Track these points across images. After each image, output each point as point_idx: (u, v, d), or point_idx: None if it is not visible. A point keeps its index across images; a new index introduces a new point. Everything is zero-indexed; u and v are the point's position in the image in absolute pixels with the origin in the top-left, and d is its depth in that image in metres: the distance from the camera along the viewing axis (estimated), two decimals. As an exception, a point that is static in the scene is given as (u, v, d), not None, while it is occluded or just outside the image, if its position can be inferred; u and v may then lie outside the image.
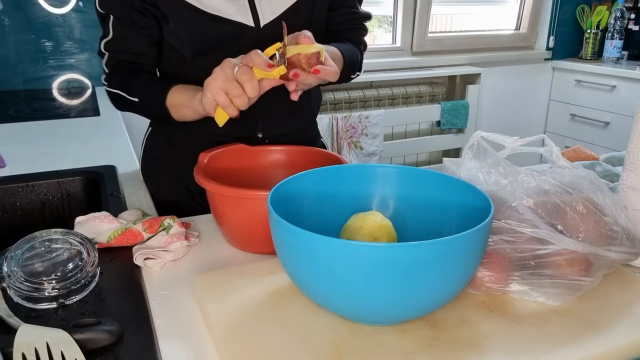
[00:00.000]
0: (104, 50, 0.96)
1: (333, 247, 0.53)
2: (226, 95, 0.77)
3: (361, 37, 1.10)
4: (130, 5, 0.91)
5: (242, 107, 0.78)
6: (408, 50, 2.89)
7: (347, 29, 1.07)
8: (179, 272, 0.74)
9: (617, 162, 1.14)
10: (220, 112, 0.79)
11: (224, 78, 0.76)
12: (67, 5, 2.03)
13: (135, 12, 0.92)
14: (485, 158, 0.72)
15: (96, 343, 0.56)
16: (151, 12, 0.92)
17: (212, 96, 0.77)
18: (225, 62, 0.78)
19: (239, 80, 0.76)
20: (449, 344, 0.57)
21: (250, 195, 0.74)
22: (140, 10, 0.92)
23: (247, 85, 0.76)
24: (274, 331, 0.58)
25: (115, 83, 0.96)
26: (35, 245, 0.68)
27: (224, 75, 0.77)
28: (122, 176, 1.13)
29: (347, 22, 1.06)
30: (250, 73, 0.76)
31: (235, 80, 0.76)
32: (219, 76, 0.77)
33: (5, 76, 2.00)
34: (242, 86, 0.76)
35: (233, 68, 0.77)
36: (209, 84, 0.78)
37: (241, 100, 0.77)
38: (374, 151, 2.68)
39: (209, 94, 0.78)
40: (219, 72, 0.77)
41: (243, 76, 0.76)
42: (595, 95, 3.00)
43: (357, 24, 1.09)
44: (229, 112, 0.79)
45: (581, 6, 3.15)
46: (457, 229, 0.59)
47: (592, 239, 0.65)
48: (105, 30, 0.95)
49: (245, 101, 0.77)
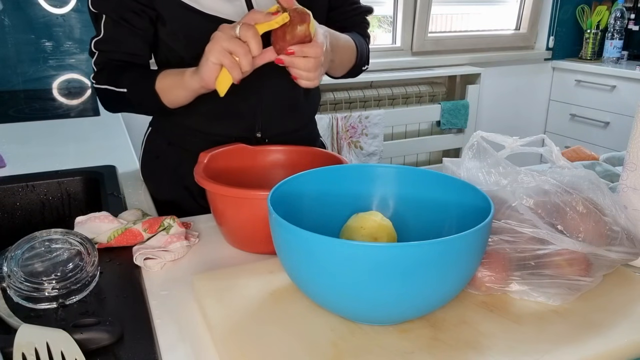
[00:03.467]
0: (94, 49, 0.95)
1: (333, 247, 0.53)
2: (231, 56, 0.75)
3: (365, 30, 1.10)
4: (125, 6, 0.90)
5: (246, 67, 0.76)
6: (408, 50, 2.89)
7: (351, 25, 1.07)
8: (179, 272, 0.74)
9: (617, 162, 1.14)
10: (222, 79, 0.77)
11: (227, 38, 0.75)
12: (67, 5, 2.03)
13: (130, 13, 0.91)
14: (485, 158, 0.72)
15: (96, 343, 0.56)
16: (147, 14, 0.92)
17: (217, 59, 0.76)
18: (222, 26, 0.77)
19: (243, 38, 0.75)
20: (449, 344, 0.57)
21: (251, 195, 0.74)
22: (136, 11, 0.91)
23: (251, 42, 0.75)
24: (273, 331, 0.58)
25: (102, 79, 0.94)
26: (35, 245, 0.68)
27: (226, 35, 0.75)
28: (122, 176, 1.13)
29: (349, 19, 1.07)
30: (254, 29, 0.75)
31: (238, 39, 0.75)
32: (220, 37, 0.76)
33: (5, 76, 2.00)
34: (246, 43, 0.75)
35: (234, 28, 0.76)
36: (210, 47, 0.76)
37: (247, 59, 0.75)
38: (374, 151, 2.68)
39: (212, 57, 0.76)
40: (219, 34, 0.76)
41: (247, 32, 0.74)
42: (595, 95, 3.00)
43: (360, 19, 1.09)
44: (234, 75, 0.77)
45: (581, 6, 3.15)
46: (457, 229, 0.59)
47: (592, 239, 0.65)
48: (97, 29, 0.93)
49: (250, 60, 0.76)
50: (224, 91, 0.78)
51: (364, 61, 1.07)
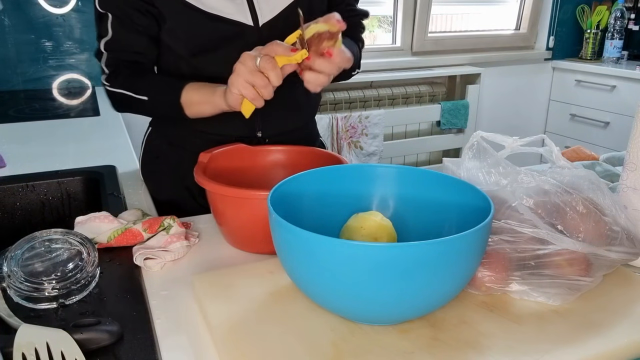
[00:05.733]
0: (103, 50, 0.95)
1: (333, 247, 0.53)
2: (252, 88, 0.79)
3: (359, 34, 1.10)
4: (130, 4, 0.91)
5: (267, 97, 0.80)
6: (408, 50, 2.89)
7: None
8: (179, 272, 0.74)
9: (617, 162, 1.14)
10: (247, 104, 0.81)
11: (248, 72, 0.78)
12: (67, 5, 2.03)
13: (136, 12, 0.91)
14: (485, 158, 0.72)
15: (96, 343, 0.56)
16: (150, 12, 0.92)
17: (239, 91, 0.79)
18: (244, 55, 0.80)
19: (263, 70, 0.78)
20: (449, 344, 0.57)
21: (250, 195, 0.74)
22: (141, 10, 0.92)
23: (271, 75, 0.78)
24: (273, 331, 0.58)
25: (118, 83, 0.95)
26: (35, 245, 0.68)
27: (247, 69, 0.78)
28: (122, 176, 1.13)
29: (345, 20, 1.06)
30: (273, 62, 0.78)
31: (259, 72, 0.78)
32: (242, 71, 0.79)
33: (5, 76, 2.00)
34: (266, 76, 0.78)
35: (254, 60, 0.78)
36: (234, 80, 0.80)
37: (267, 90, 0.79)
38: (374, 151, 2.68)
39: (235, 90, 0.80)
40: (240, 67, 0.79)
41: (267, 65, 0.77)
42: (595, 95, 3.00)
43: (355, 22, 1.09)
44: (256, 104, 0.81)
45: (581, 6, 3.15)
46: (457, 229, 0.59)
47: (592, 239, 0.65)
48: (104, 30, 0.94)
49: (271, 90, 0.79)
50: (249, 114, 0.83)
51: (355, 66, 1.06)
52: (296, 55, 0.79)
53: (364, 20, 1.11)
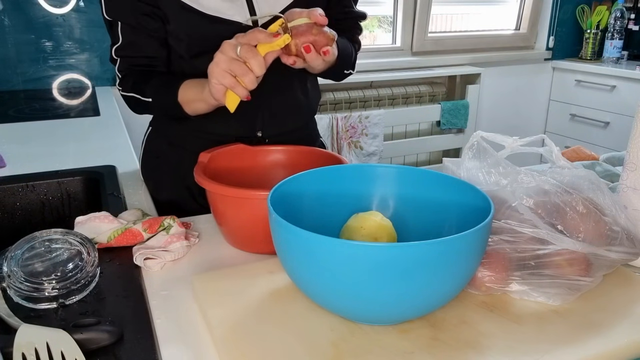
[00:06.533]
0: (115, 57, 0.96)
1: (333, 247, 0.53)
2: (232, 77, 0.77)
3: (356, 36, 1.10)
4: (139, 10, 0.91)
5: (250, 86, 0.77)
6: (408, 50, 2.89)
7: (342, 29, 1.07)
8: (179, 272, 0.74)
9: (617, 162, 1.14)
10: (230, 96, 0.79)
11: (226, 60, 0.76)
12: (67, 5, 2.03)
13: (145, 17, 0.92)
14: (485, 158, 0.72)
15: (96, 343, 0.56)
16: (157, 15, 0.92)
17: (218, 80, 0.77)
18: (224, 44, 0.78)
19: (243, 58, 0.76)
20: (449, 344, 0.57)
21: (251, 195, 0.74)
22: (148, 14, 0.92)
23: (251, 62, 0.75)
24: (273, 331, 0.58)
25: (128, 86, 0.96)
26: (35, 245, 0.68)
27: (225, 57, 0.76)
28: (122, 176, 1.13)
29: (342, 22, 1.06)
30: (254, 50, 0.76)
31: (238, 60, 0.76)
32: (220, 59, 0.77)
33: (5, 76, 2.00)
34: (246, 64, 0.76)
35: (234, 48, 0.77)
36: (212, 69, 0.77)
37: (248, 78, 0.76)
38: (374, 151, 2.68)
39: (213, 80, 0.77)
40: (219, 55, 0.77)
41: (247, 54, 0.75)
42: (595, 95, 3.00)
43: (352, 24, 1.09)
44: (238, 93, 0.78)
45: (581, 6, 3.15)
46: (457, 229, 0.59)
47: (592, 239, 0.65)
48: (115, 37, 0.94)
49: (253, 79, 0.77)
50: (234, 107, 0.80)
51: (348, 65, 1.06)
52: (278, 40, 0.76)
53: (361, 22, 1.10)
